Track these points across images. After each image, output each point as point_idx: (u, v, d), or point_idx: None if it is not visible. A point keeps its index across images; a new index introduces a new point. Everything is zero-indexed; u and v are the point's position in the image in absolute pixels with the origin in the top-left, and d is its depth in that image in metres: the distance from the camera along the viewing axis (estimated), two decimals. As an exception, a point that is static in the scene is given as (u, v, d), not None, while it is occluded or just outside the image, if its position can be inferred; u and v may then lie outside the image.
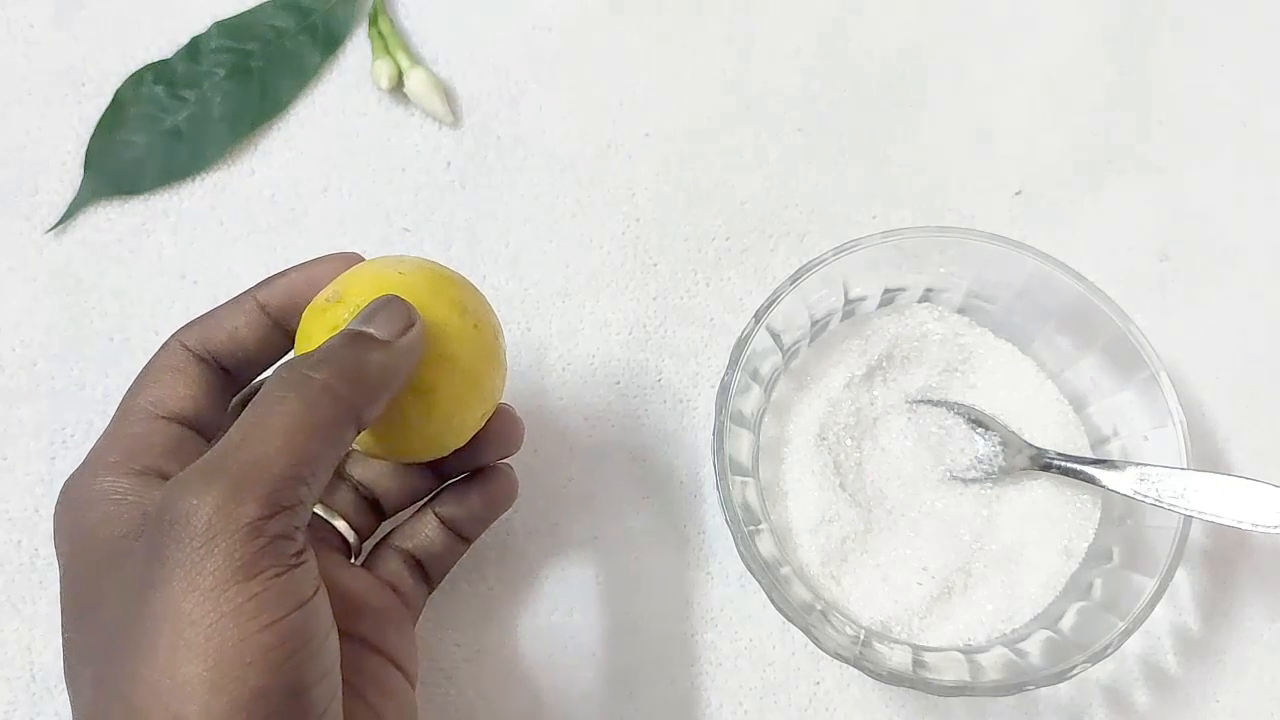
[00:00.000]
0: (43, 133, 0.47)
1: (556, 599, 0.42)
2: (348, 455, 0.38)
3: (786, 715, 0.41)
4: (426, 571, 0.38)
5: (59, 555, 0.30)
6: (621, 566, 0.43)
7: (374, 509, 0.38)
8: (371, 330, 0.30)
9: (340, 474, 0.38)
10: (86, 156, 0.47)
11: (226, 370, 0.33)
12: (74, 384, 0.44)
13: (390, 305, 0.30)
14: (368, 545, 0.38)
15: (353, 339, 0.30)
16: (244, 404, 0.34)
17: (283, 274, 0.34)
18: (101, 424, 0.43)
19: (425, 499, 0.38)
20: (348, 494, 0.37)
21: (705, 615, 0.42)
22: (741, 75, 0.49)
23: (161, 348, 0.33)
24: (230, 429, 0.28)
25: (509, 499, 0.39)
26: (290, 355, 0.33)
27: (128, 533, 0.28)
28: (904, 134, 0.48)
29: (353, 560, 0.37)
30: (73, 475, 0.31)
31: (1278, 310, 0.46)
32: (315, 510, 0.36)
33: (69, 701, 0.28)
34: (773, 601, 0.37)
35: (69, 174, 0.47)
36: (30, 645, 0.41)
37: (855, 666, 0.36)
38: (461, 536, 0.38)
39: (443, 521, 0.38)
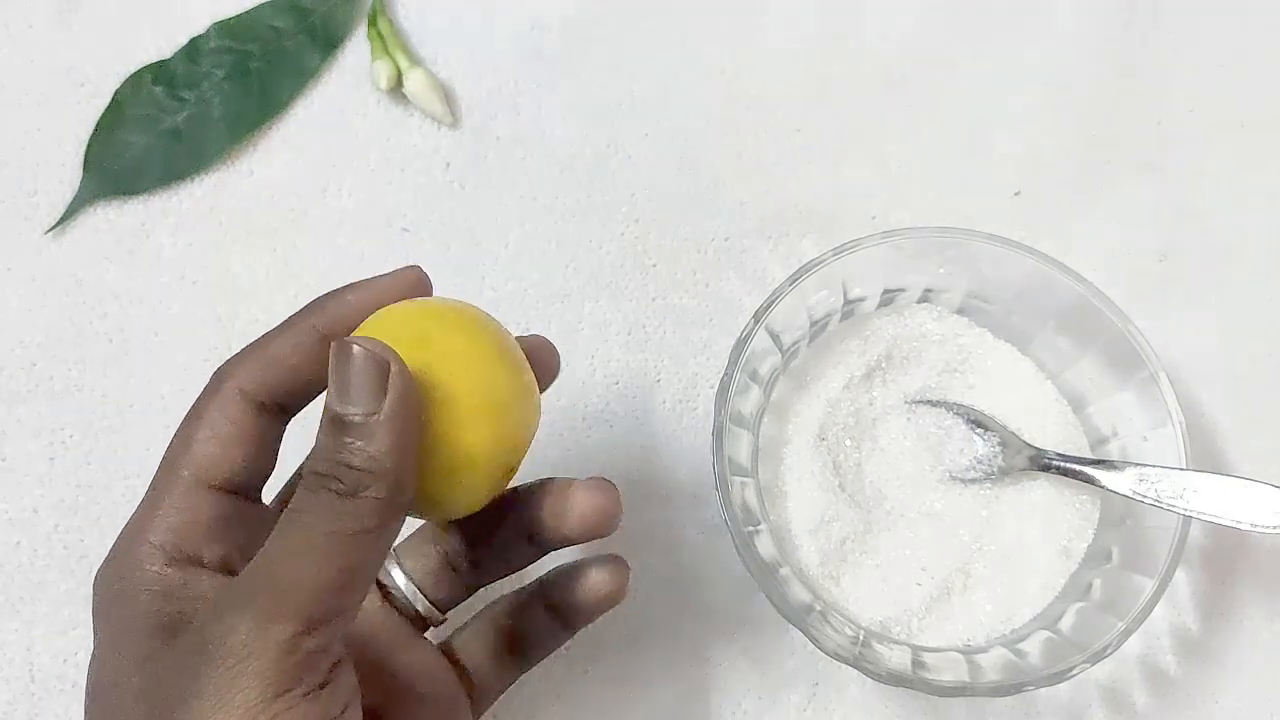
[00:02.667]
0: (42, 133, 0.47)
1: (556, 599, 0.42)
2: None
3: (786, 715, 0.41)
4: (526, 652, 0.36)
5: (95, 637, 0.29)
6: (621, 567, 0.43)
7: (461, 578, 0.36)
8: (352, 412, 0.27)
9: (430, 539, 0.35)
10: (86, 157, 0.47)
11: (285, 409, 0.31)
12: (73, 384, 0.44)
13: (356, 364, 0.27)
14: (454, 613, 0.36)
15: (344, 429, 0.27)
16: (282, 502, 0.33)
17: (340, 296, 0.32)
18: (101, 424, 0.44)
19: (524, 574, 0.36)
20: (432, 561, 0.35)
21: (705, 615, 0.42)
22: (741, 75, 0.49)
23: (215, 392, 0.30)
24: (268, 544, 0.27)
25: (620, 593, 0.36)
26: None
27: (165, 627, 0.28)
28: (904, 134, 0.48)
29: (437, 623, 0.36)
30: (115, 550, 0.29)
31: (1278, 310, 0.46)
32: (396, 579, 0.35)
33: None
34: (772, 602, 0.37)
35: (68, 174, 0.47)
36: (30, 645, 0.41)
37: (854, 667, 0.36)
38: (566, 624, 0.36)
39: (551, 607, 0.36)
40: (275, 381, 0.30)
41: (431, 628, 0.36)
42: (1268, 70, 0.49)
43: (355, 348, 0.27)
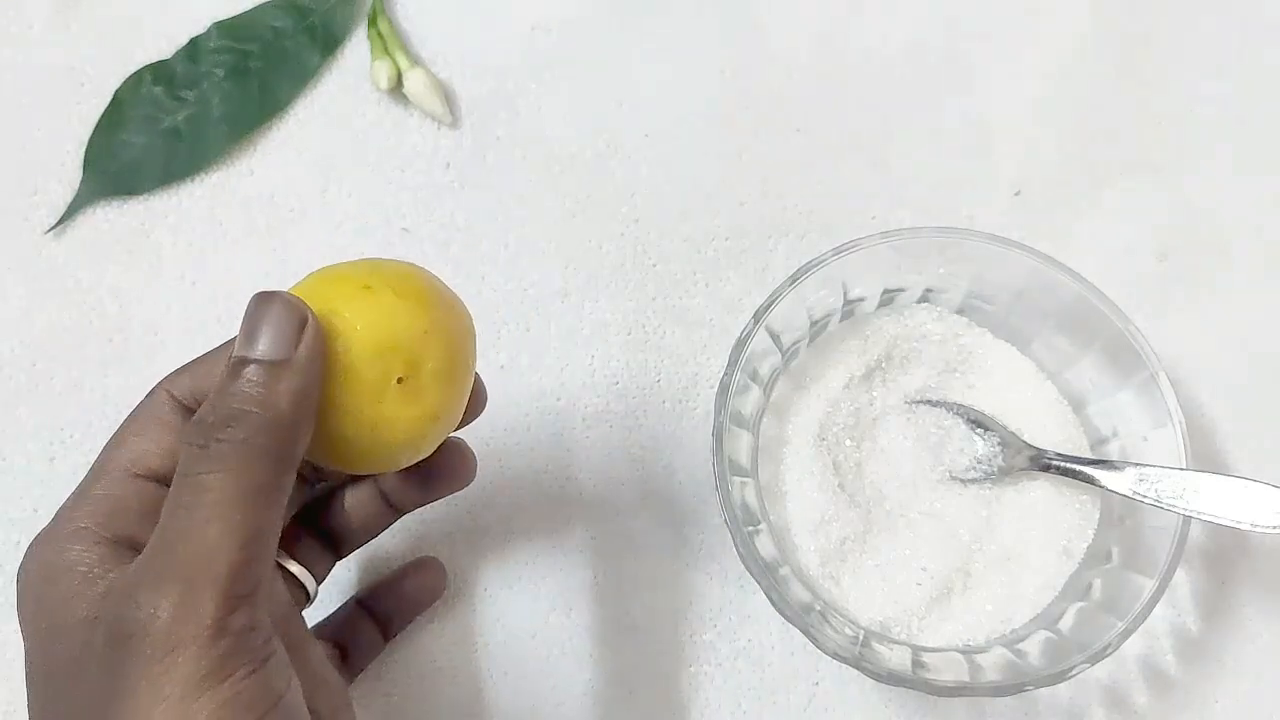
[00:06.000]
0: (42, 133, 0.47)
1: (556, 599, 0.42)
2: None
3: (786, 715, 0.41)
4: (350, 665, 0.38)
5: (24, 631, 0.28)
6: (621, 567, 0.43)
7: (327, 547, 0.37)
8: (261, 353, 0.27)
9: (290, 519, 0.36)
10: (86, 157, 0.47)
11: None
12: (73, 384, 0.44)
13: (273, 312, 0.27)
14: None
15: (247, 373, 0.27)
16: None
17: None
18: (101, 424, 0.44)
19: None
20: (303, 539, 0.36)
21: (705, 615, 0.42)
22: (741, 75, 0.49)
23: (148, 396, 0.31)
24: (164, 517, 0.26)
25: (438, 590, 0.41)
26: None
27: (97, 615, 0.26)
28: (904, 134, 0.48)
29: (310, 601, 0.36)
30: (39, 537, 0.28)
31: (1277, 310, 0.46)
32: (283, 560, 0.35)
33: None
34: (772, 602, 0.37)
35: (68, 174, 0.47)
36: (30, 645, 0.41)
37: (855, 667, 0.36)
38: (384, 632, 0.39)
39: (370, 613, 0.38)
40: (201, 387, 0.30)
41: None
42: (1267, 70, 0.49)
43: (276, 295, 0.27)
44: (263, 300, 0.27)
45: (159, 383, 0.31)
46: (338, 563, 0.37)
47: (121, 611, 0.25)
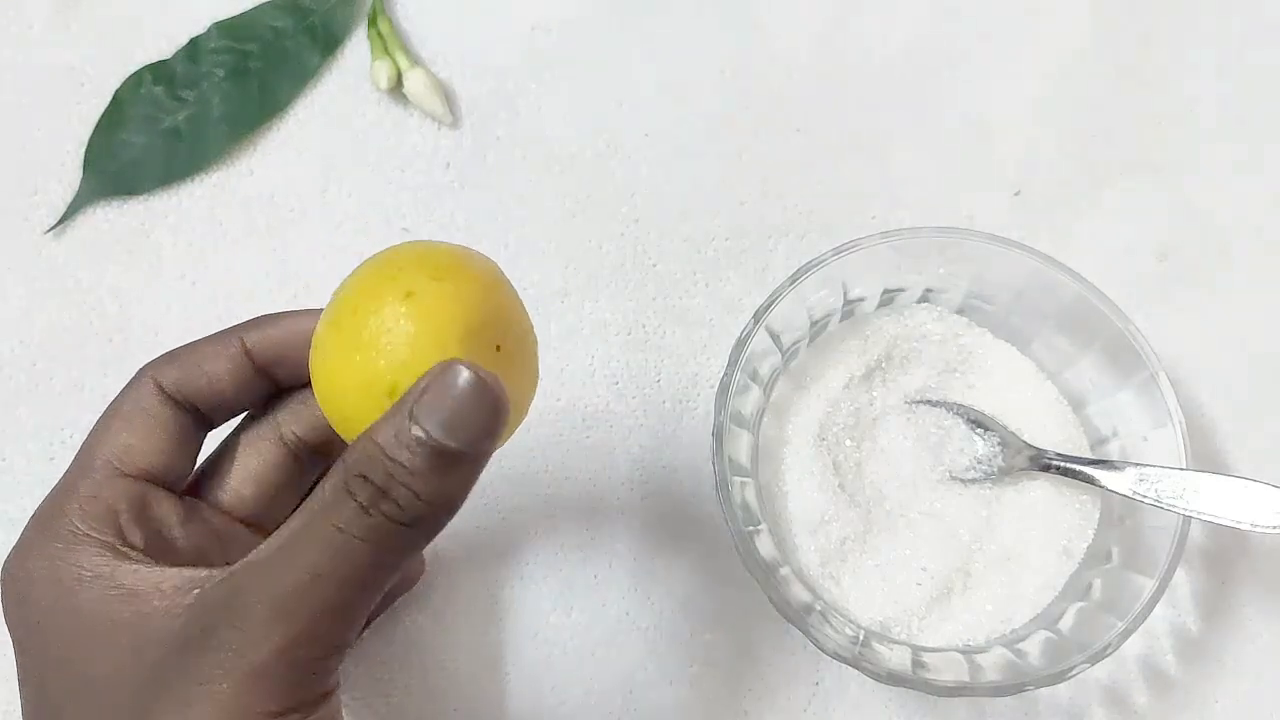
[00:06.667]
0: (42, 133, 0.47)
1: (556, 599, 0.42)
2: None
3: (786, 715, 0.41)
4: None
5: (22, 633, 0.27)
6: (621, 566, 0.43)
7: None
8: (456, 445, 0.24)
9: None
10: (85, 157, 0.47)
11: (200, 412, 0.31)
12: (73, 384, 0.44)
13: (481, 402, 0.24)
14: None
15: (441, 464, 0.24)
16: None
17: (275, 320, 0.31)
18: (101, 424, 0.44)
19: None
20: None
21: (705, 615, 0.42)
22: (741, 75, 0.49)
23: (134, 383, 0.29)
24: (291, 543, 0.25)
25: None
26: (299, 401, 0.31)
27: (115, 619, 0.26)
28: (904, 134, 0.48)
29: None
30: (29, 541, 0.28)
31: (1277, 310, 0.46)
32: None
33: None
34: (772, 602, 0.37)
35: (68, 174, 0.47)
36: (30, 645, 0.41)
37: (855, 667, 0.36)
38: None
39: None
40: (190, 381, 0.30)
41: None
42: (1267, 70, 0.49)
43: (474, 374, 0.24)
44: (466, 381, 0.24)
45: (145, 368, 0.30)
46: None
47: (213, 624, 0.25)
